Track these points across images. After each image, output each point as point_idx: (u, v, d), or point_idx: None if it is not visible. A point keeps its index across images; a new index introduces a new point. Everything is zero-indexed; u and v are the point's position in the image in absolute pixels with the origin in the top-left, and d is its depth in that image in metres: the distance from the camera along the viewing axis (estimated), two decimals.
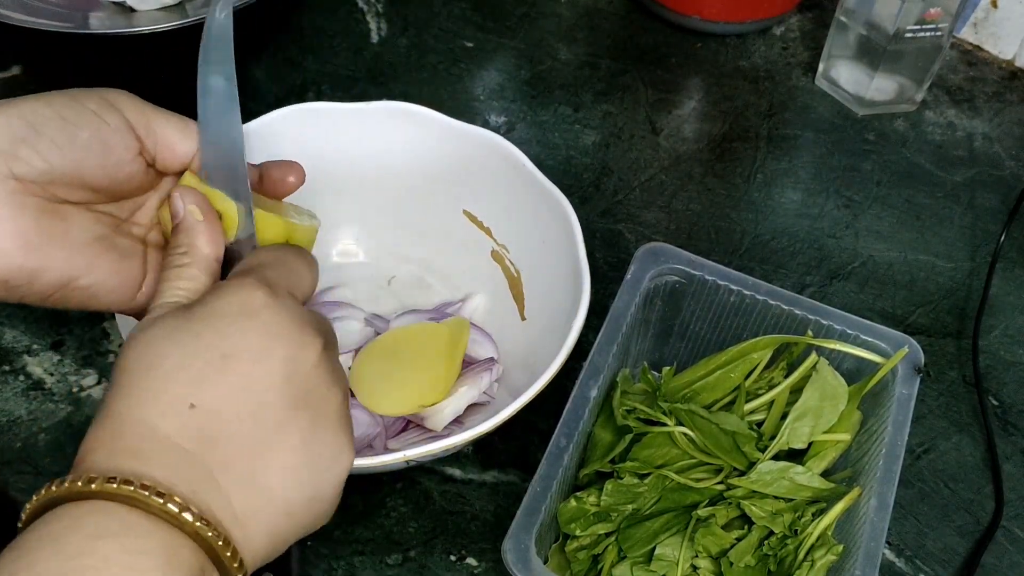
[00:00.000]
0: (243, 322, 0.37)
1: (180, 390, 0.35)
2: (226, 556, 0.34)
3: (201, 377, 0.35)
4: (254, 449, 0.35)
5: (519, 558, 0.46)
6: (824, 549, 0.50)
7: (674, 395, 0.56)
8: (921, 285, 0.72)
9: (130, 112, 0.41)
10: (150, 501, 0.32)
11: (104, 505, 0.33)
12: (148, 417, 0.35)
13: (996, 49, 0.90)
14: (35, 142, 0.39)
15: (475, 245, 0.65)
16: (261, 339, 0.36)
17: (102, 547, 0.31)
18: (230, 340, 0.36)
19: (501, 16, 0.89)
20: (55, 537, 0.32)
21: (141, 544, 0.32)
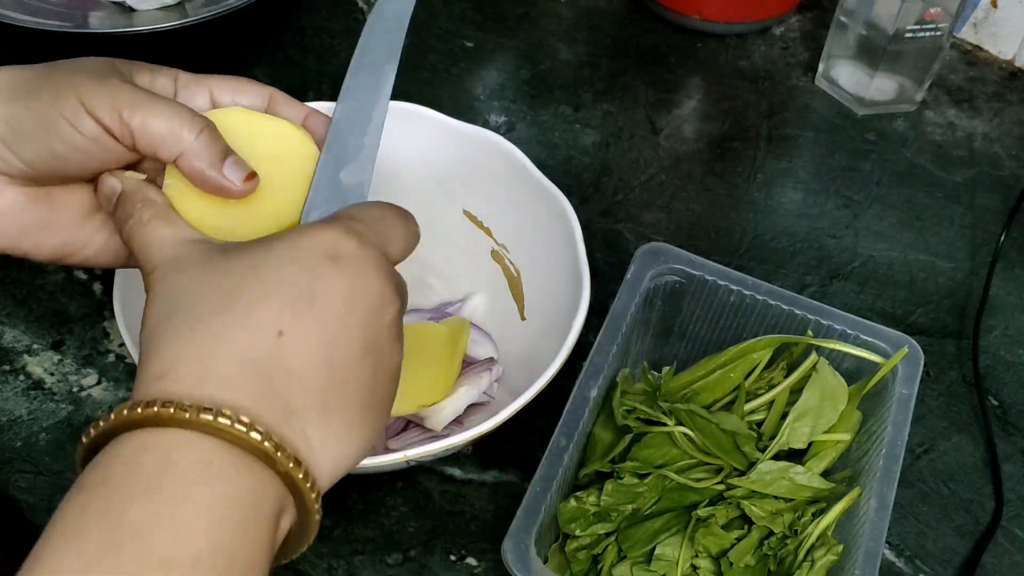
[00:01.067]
0: (328, 265, 0.36)
1: (269, 316, 0.35)
2: (310, 495, 0.34)
3: (287, 308, 0.35)
4: (329, 386, 0.35)
5: (519, 558, 0.46)
6: (824, 549, 0.50)
7: (674, 395, 0.56)
8: (921, 285, 0.72)
9: (106, 115, 0.40)
10: (247, 438, 0.32)
11: (194, 439, 0.32)
12: (239, 341, 0.34)
13: (996, 49, 0.90)
14: (14, 146, 0.39)
15: (475, 245, 0.65)
16: (346, 288, 0.36)
17: (198, 494, 0.31)
18: (315, 278, 0.36)
19: (501, 16, 0.89)
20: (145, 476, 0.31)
21: (234, 489, 0.32)
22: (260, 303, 0.35)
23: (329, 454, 0.35)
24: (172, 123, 0.41)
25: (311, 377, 0.35)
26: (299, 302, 0.35)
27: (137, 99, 0.40)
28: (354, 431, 0.37)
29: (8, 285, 0.64)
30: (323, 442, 0.35)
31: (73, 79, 0.40)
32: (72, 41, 0.75)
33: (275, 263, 0.36)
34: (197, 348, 0.34)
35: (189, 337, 0.34)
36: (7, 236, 0.42)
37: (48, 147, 0.39)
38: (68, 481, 0.56)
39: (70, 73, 0.40)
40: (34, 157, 0.40)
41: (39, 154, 0.39)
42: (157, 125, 0.40)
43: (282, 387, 0.34)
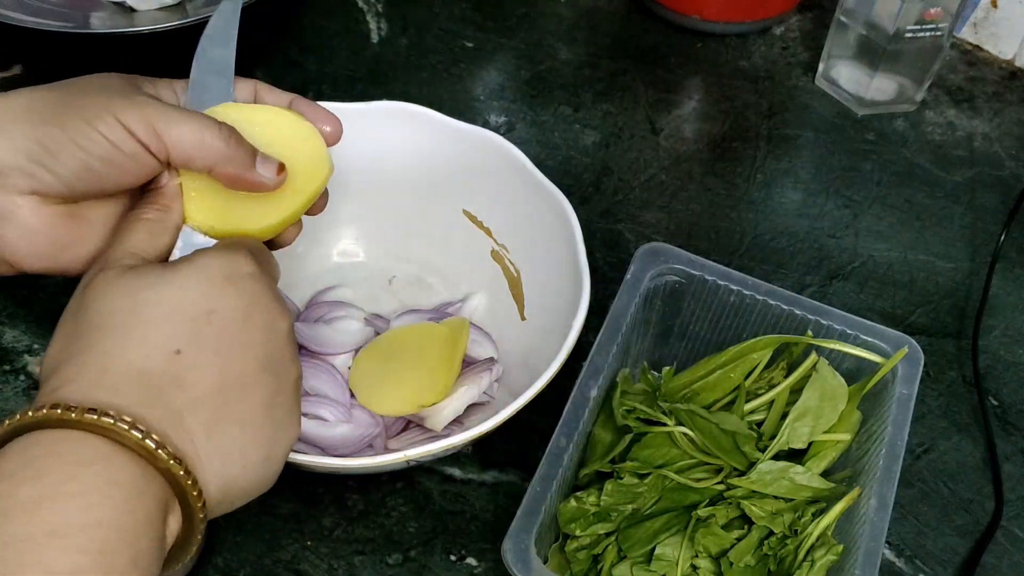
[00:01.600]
0: (228, 285, 0.39)
1: (167, 335, 0.37)
2: (192, 494, 0.36)
3: (187, 326, 0.38)
4: (223, 399, 0.38)
5: (519, 558, 0.46)
6: (824, 549, 0.50)
7: (674, 395, 0.56)
8: (921, 285, 0.72)
9: (143, 132, 0.41)
10: (128, 435, 0.34)
11: (79, 435, 0.34)
12: (135, 357, 0.36)
13: (996, 49, 0.90)
14: (51, 165, 0.40)
15: (475, 245, 0.65)
16: (244, 303, 0.39)
17: (81, 474, 0.33)
18: (216, 299, 0.39)
19: (501, 16, 0.89)
20: (34, 463, 0.33)
21: (116, 475, 0.34)
22: (160, 324, 0.37)
23: (217, 464, 0.37)
24: (203, 134, 0.42)
25: (204, 390, 0.37)
26: (198, 321, 0.38)
27: (167, 114, 0.42)
28: (248, 445, 0.38)
29: (9, 285, 0.64)
30: (211, 452, 0.37)
31: (104, 98, 0.41)
32: (72, 41, 0.75)
33: (178, 285, 0.39)
34: (93, 363, 0.36)
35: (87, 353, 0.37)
36: (44, 255, 0.42)
37: (86, 164, 0.41)
38: None
39: (98, 92, 0.42)
40: (70, 175, 0.41)
41: (75, 171, 0.41)
42: (190, 138, 0.42)
43: (172, 398, 0.36)
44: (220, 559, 0.54)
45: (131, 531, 0.33)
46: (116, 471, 0.34)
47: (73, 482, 0.33)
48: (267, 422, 0.39)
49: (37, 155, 0.40)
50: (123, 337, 0.37)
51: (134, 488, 0.34)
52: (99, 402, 0.35)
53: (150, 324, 0.37)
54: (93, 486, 0.33)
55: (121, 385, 0.36)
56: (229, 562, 0.54)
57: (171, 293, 0.38)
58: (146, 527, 0.34)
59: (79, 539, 0.32)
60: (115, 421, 0.34)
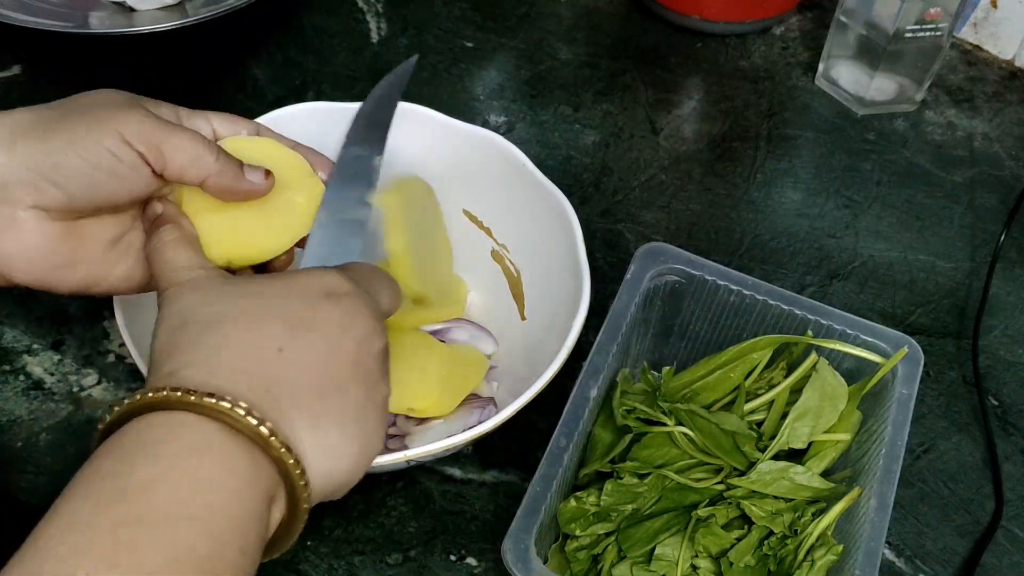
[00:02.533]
0: (325, 301, 0.40)
1: (271, 334, 0.38)
2: (299, 484, 0.36)
3: (288, 329, 0.39)
4: (323, 396, 0.38)
5: (519, 558, 0.46)
6: (824, 549, 0.50)
7: (674, 395, 0.56)
8: (921, 285, 0.72)
9: (143, 145, 0.43)
10: (245, 421, 0.35)
11: (197, 419, 0.35)
12: (244, 349, 0.38)
13: (996, 49, 0.90)
14: (58, 180, 0.42)
15: (475, 245, 0.65)
16: (341, 317, 0.40)
17: (198, 461, 0.34)
18: (314, 309, 0.40)
19: (501, 16, 0.89)
20: (153, 445, 0.34)
21: (232, 462, 0.34)
22: (264, 323, 0.39)
23: (320, 458, 0.38)
24: (197, 149, 0.44)
25: (306, 386, 0.38)
26: (298, 325, 0.39)
27: (165, 129, 0.44)
28: (345, 443, 0.39)
29: None
30: (314, 447, 0.38)
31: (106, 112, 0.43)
32: (72, 41, 0.75)
33: (278, 293, 0.40)
34: (205, 352, 0.37)
35: (198, 345, 0.38)
36: (38, 270, 0.44)
37: (89, 177, 0.42)
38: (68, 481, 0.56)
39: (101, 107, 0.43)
40: (74, 187, 0.42)
41: (79, 183, 0.42)
42: (185, 152, 0.44)
43: (279, 391, 0.37)
44: None
45: (242, 519, 0.34)
46: (231, 458, 0.34)
47: (189, 466, 0.33)
48: (360, 424, 0.40)
49: (43, 169, 0.41)
50: (230, 335, 0.38)
51: (246, 476, 0.34)
52: (216, 387, 0.35)
53: (256, 323, 0.39)
54: (208, 472, 0.34)
55: (234, 375, 0.37)
56: None
57: (273, 299, 0.40)
58: (255, 516, 0.35)
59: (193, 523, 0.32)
60: (232, 407, 0.35)
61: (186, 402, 0.35)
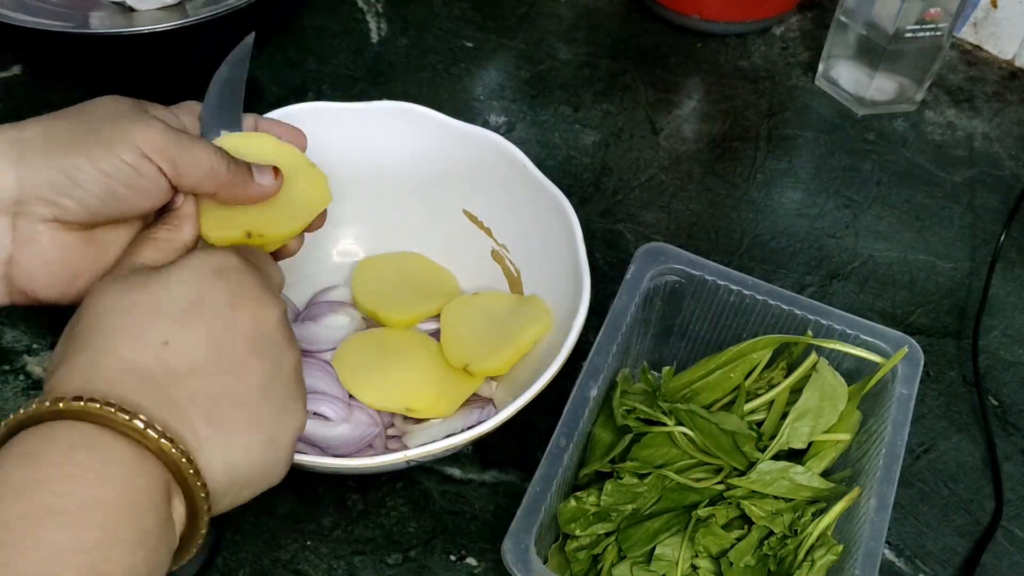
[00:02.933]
0: (214, 279, 0.40)
1: (155, 329, 0.38)
2: (190, 474, 0.36)
3: (174, 319, 0.39)
4: (219, 385, 0.38)
5: (519, 558, 0.46)
6: (824, 549, 0.50)
7: (674, 395, 0.56)
8: (921, 285, 0.72)
9: (160, 158, 0.43)
10: (115, 417, 0.35)
11: (73, 424, 0.35)
12: (124, 351, 0.37)
13: (996, 49, 0.90)
14: (76, 194, 0.42)
15: (475, 245, 0.65)
16: (229, 294, 0.40)
17: (76, 456, 0.34)
18: (201, 292, 0.40)
19: (501, 16, 0.89)
20: (29, 452, 0.34)
21: (111, 456, 0.34)
22: (147, 319, 0.39)
23: (219, 446, 0.38)
24: (211, 160, 0.45)
25: (197, 376, 0.38)
26: (185, 313, 0.39)
27: (180, 141, 0.44)
28: (249, 427, 0.39)
29: None
30: (211, 435, 0.37)
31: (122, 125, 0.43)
32: (72, 41, 0.75)
33: (166, 283, 0.40)
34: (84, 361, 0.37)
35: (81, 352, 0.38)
36: (60, 283, 0.43)
37: (110, 190, 0.42)
38: None
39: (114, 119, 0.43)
40: (94, 201, 0.42)
41: (100, 197, 0.42)
42: (200, 165, 0.44)
43: (166, 387, 0.37)
44: (219, 559, 0.54)
45: (132, 508, 0.34)
46: (111, 453, 0.35)
47: (69, 464, 0.34)
48: (265, 404, 0.40)
49: (61, 184, 0.41)
50: (112, 336, 0.38)
51: (131, 468, 0.35)
52: (96, 392, 0.36)
53: (138, 320, 0.38)
54: (90, 467, 0.34)
55: (113, 378, 0.37)
56: (228, 562, 0.54)
57: (159, 289, 0.40)
58: (148, 505, 0.34)
59: (80, 516, 0.32)
60: (101, 406, 0.35)
61: (55, 411, 0.35)
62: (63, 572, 0.31)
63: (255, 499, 0.40)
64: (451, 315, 0.62)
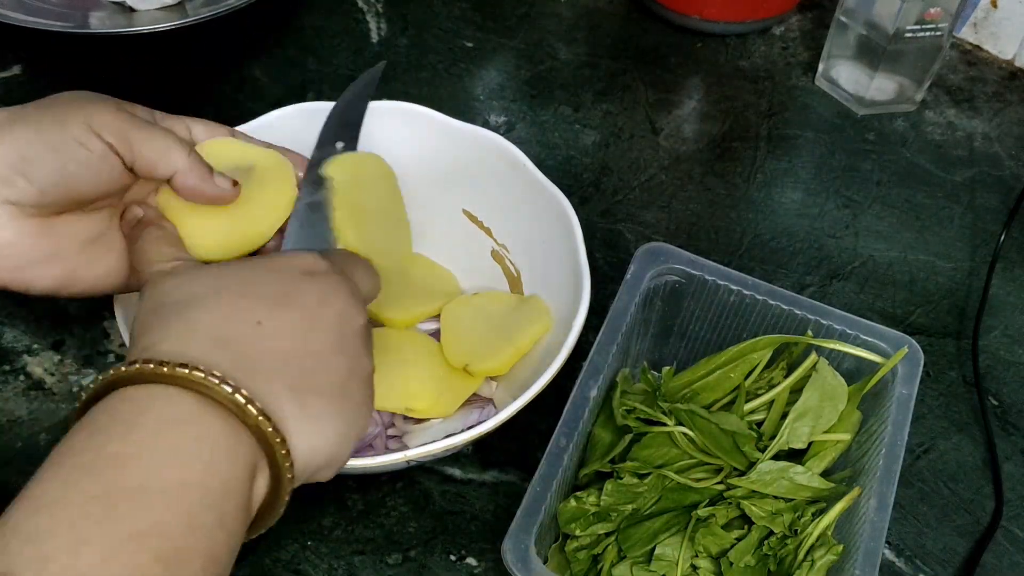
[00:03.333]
0: (304, 279, 0.41)
1: (249, 308, 0.39)
2: (281, 453, 0.36)
3: (266, 304, 0.39)
4: (305, 368, 0.38)
5: (519, 558, 0.46)
6: (824, 549, 0.50)
7: (674, 395, 0.56)
8: (921, 285, 0.72)
9: (111, 135, 0.43)
10: (219, 389, 0.35)
11: (170, 391, 0.34)
12: (221, 325, 0.38)
13: (996, 49, 0.90)
14: (27, 171, 0.42)
15: (475, 245, 0.65)
16: (320, 293, 0.41)
17: (171, 432, 0.34)
18: (293, 286, 0.40)
19: (501, 16, 0.89)
20: (126, 419, 0.34)
21: (206, 432, 0.34)
22: (241, 298, 0.39)
23: (304, 430, 0.37)
24: (167, 144, 0.45)
25: (287, 357, 0.38)
26: (277, 300, 0.39)
27: (135, 123, 0.44)
28: (330, 418, 0.39)
29: None
30: (297, 418, 0.37)
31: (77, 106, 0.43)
32: (72, 41, 0.75)
33: (255, 272, 0.41)
34: (182, 325, 0.37)
35: (174, 322, 0.38)
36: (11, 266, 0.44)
37: (59, 168, 0.42)
38: None
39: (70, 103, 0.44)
40: (45, 179, 0.42)
41: (50, 176, 0.42)
42: (155, 146, 0.44)
43: (259, 362, 0.37)
44: None
45: (218, 492, 0.33)
46: (206, 429, 0.34)
47: (162, 440, 0.33)
48: (345, 399, 0.40)
49: (14, 163, 0.41)
50: (208, 309, 0.38)
51: (223, 447, 0.34)
52: (191, 359, 0.35)
53: (231, 299, 0.39)
54: (182, 445, 0.33)
55: (210, 346, 0.36)
56: None
57: (252, 276, 0.40)
58: (234, 488, 0.34)
59: (164, 497, 0.32)
60: (206, 376, 0.34)
61: (159, 374, 0.34)
62: (140, 554, 0.31)
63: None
64: (451, 315, 0.62)
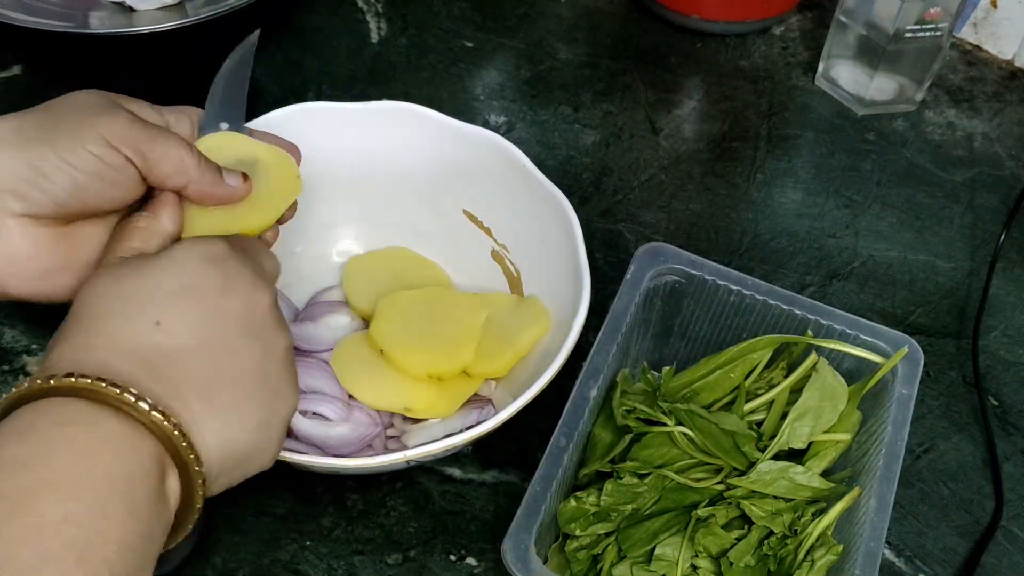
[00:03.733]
0: (205, 265, 0.41)
1: (147, 311, 0.39)
2: (183, 446, 0.36)
3: (166, 302, 0.39)
4: (212, 365, 0.39)
5: (519, 558, 0.46)
6: (824, 549, 0.50)
7: (674, 395, 0.56)
8: (921, 285, 0.72)
9: (128, 148, 0.43)
10: (106, 391, 0.35)
11: (63, 400, 0.35)
12: (116, 332, 0.38)
13: (996, 49, 0.90)
14: (42, 185, 0.42)
15: (475, 245, 0.65)
16: (221, 279, 0.41)
17: (67, 432, 0.34)
18: (193, 277, 0.40)
19: (501, 16, 0.89)
20: (20, 428, 0.34)
21: (102, 430, 0.35)
22: (139, 301, 0.39)
23: (215, 423, 0.38)
24: (181, 154, 0.45)
25: (189, 355, 0.38)
26: (178, 296, 0.39)
27: (149, 133, 0.44)
28: (244, 406, 0.39)
29: None
30: (206, 412, 0.38)
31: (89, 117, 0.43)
32: (72, 41, 0.75)
33: (157, 268, 0.41)
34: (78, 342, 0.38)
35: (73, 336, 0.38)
36: (31, 278, 0.44)
37: (76, 182, 0.42)
38: None
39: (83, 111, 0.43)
40: (62, 193, 0.42)
41: (66, 189, 0.42)
42: (169, 157, 0.44)
43: (160, 366, 0.38)
44: (218, 559, 0.54)
45: (124, 480, 0.34)
46: (102, 427, 0.35)
47: (60, 439, 0.34)
48: (260, 385, 0.40)
49: (29, 176, 0.41)
50: (104, 318, 0.38)
51: (123, 442, 0.35)
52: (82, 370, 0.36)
53: (129, 303, 0.39)
54: (80, 442, 0.34)
55: (104, 357, 0.37)
56: (227, 562, 0.54)
57: (151, 274, 0.40)
58: (141, 478, 0.34)
59: (70, 489, 0.33)
60: (92, 381, 0.35)
61: (46, 388, 0.35)
62: (53, 543, 0.31)
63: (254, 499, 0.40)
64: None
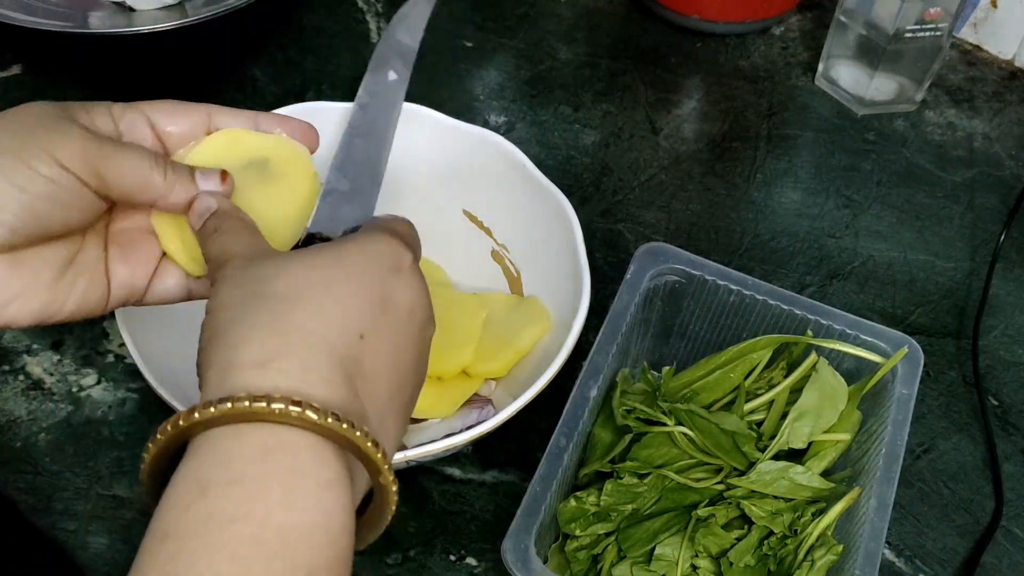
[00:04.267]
0: (395, 277, 0.39)
1: (353, 318, 0.36)
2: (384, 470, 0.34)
3: (368, 312, 0.37)
4: (390, 392, 0.37)
5: (519, 558, 0.46)
6: (824, 549, 0.50)
7: (674, 395, 0.56)
8: (921, 285, 0.72)
9: (80, 168, 0.40)
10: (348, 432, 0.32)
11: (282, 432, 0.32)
12: (332, 338, 0.35)
13: (996, 49, 0.90)
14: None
15: (475, 245, 0.65)
16: (410, 298, 0.39)
17: (302, 484, 0.32)
18: (389, 289, 0.38)
19: (501, 16, 0.89)
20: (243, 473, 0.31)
21: (329, 474, 0.32)
22: (348, 302, 0.36)
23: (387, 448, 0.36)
24: (142, 169, 0.41)
25: (379, 379, 0.37)
26: (376, 306, 0.37)
27: (104, 149, 0.40)
28: (396, 433, 0.38)
29: None
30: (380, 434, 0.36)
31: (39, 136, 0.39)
32: (72, 41, 0.75)
33: (355, 265, 0.38)
34: (284, 336, 0.34)
35: (279, 325, 0.35)
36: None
37: (27, 206, 0.39)
38: (67, 481, 0.56)
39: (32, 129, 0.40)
40: (13, 218, 0.39)
41: (18, 214, 0.39)
42: (129, 174, 0.41)
43: (358, 385, 0.35)
44: None
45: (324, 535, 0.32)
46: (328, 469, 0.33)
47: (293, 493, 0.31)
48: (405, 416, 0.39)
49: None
50: (319, 314, 0.35)
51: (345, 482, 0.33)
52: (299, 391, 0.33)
53: (337, 304, 0.36)
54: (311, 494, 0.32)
55: (311, 369, 0.34)
56: None
57: (354, 273, 0.38)
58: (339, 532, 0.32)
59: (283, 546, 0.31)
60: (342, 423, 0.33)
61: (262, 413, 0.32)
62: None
63: None
64: None
